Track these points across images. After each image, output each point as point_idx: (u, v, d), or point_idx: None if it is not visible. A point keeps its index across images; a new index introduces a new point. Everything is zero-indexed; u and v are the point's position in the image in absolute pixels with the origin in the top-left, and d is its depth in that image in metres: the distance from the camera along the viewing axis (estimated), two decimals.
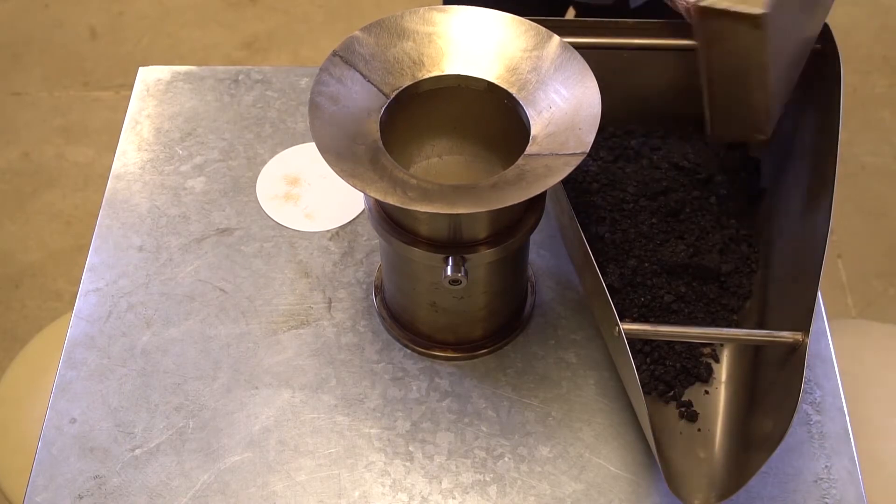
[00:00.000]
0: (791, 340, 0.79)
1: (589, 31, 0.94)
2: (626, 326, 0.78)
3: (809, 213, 0.87)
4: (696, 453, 0.86)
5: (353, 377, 0.92)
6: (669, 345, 0.91)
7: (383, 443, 0.88)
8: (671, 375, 0.90)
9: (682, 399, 0.90)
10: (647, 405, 0.79)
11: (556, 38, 0.83)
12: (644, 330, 0.81)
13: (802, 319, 0.79)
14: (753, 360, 0.89)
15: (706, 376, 0.91)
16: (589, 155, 0.78)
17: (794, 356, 0.79)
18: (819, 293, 0.83)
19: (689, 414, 0.88)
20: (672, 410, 0.89)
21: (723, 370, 0.91)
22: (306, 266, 1.00)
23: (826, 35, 0.92)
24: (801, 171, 0.93)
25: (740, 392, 0.89)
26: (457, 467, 0.87)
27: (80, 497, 0.85)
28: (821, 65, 0.92)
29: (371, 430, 0.89)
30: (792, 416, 0.73)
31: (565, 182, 0.80)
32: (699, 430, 0.88)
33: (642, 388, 0.80)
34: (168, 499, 0.85)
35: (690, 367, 0.90)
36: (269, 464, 0.87)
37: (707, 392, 0.90)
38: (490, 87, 0.83)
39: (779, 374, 0.82)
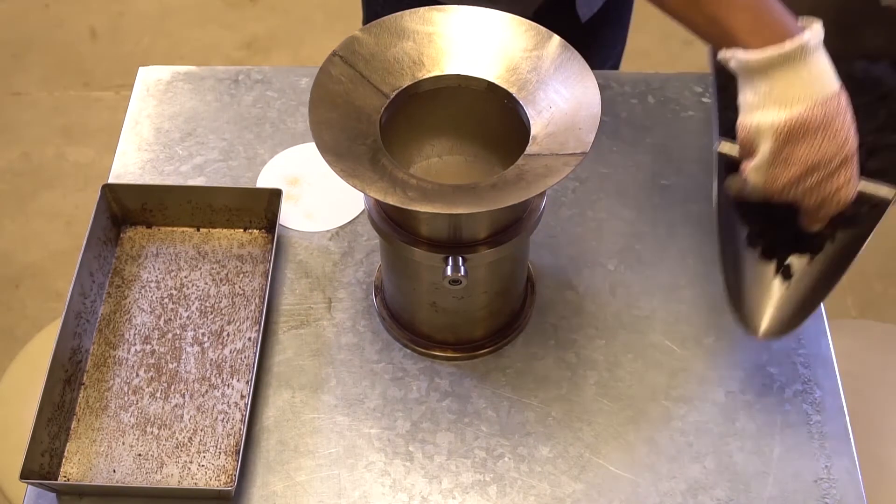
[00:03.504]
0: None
1: None
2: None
3: None
4: (770, 292, 0.87)
5: (353, 377, 0.92)
6: (793, 212, 0.87)
7: (383, 443, 0.88)
8: (783, 240, 0.88)
9: (786, 263, 0.89)
10: (747, 256, 0.81)
11: (556, 38, 0.83)
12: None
13: None
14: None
15: (817, 248, 0.89)
16: None
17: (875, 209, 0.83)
18: None
19: (785, 271, 0.88)
20: (770, 266, 0.89)
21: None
22: (306, 266, 1.00)
23: None
24: None
25: (834, 258, 0.89)
26: (457, 467, 0.87)
27: (81, 496, 0.85)
28: None
29: (371, 430, 0.89)
30: (854, 257, 0.79)
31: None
32: (787, 286, 0.88)
33: (750, 241, 0.84)
34: (168, 498, 0.85)
35: (806, 236, 0.87)
36: (269, 464, 0.87)
37: (811, 260, 0.89)
38: (490, 86, 0.83)
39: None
